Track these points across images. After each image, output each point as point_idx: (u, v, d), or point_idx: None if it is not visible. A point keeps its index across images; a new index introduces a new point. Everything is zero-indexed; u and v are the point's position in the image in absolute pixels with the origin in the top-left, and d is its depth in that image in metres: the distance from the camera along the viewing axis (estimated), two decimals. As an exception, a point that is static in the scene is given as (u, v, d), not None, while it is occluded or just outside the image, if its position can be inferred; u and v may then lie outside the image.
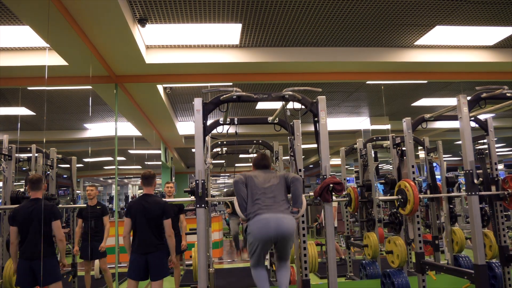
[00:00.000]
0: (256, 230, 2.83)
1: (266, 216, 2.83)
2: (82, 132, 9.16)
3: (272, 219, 2.82)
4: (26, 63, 4.82)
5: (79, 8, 3.54)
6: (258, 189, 2.98)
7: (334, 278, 2.97)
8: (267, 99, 3.22)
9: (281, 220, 2.84)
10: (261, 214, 2.85)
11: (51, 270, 3.49)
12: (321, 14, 4.40)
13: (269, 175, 3.14)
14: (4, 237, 4.15)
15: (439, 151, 5.17)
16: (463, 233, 4.93)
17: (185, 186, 16.74)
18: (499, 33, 5.08)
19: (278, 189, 3.01)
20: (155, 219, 3.63)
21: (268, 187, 2.99)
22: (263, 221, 2.82)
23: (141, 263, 3.55)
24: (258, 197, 2.94)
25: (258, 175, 3.12)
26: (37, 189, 3.57)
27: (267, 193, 2.96)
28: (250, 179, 3.06)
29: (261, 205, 2.89)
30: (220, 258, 8.82)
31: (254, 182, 3.02)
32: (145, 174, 3.79)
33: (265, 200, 2.92)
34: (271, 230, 2.80)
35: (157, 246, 3.61)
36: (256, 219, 2.84)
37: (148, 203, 3.66)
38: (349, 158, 8.87)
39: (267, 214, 2.84)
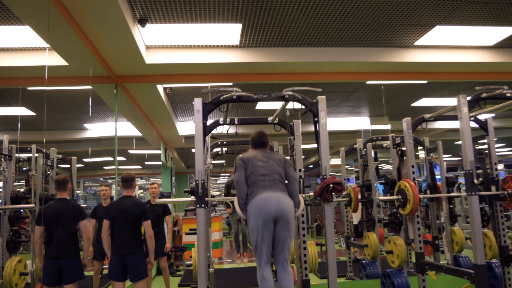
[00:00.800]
0: (256, 209, 2.83)
1: (266, 195, 2.86)
2: (82, 132, 9.14)
3: (271, 197, 2.85)
4: (26, 63, 4.82)
5: (79, 8, 3.54)
6: (258, 172, 2.98)
7: (334, 278, 2.97)
8: (267, 99, 3.22)
9: (280, 199, 2.87)
10: (260, 193, 2.87)
11: (77, 269, 3.60)
12: (321, 14, 4.40)
13: (268, 157, 3.10)
14: (4, 237, 4.14)
15: (439, 151, 5.17)
16: (463, 233, 4.93)
17: (185, 186, 16.74)
18: (499, 33, 5.08)
19: (277, 173, 3.01)
20: (134, 220, 3.66)
21: (267, 171, 2.99)
22: (263, 199, 2.84)
23: (120, 264, 3.59)
24: (257, 180, 2.95)
25: (257, 157, 3.08)
26: (63, 190, 3.70)
27: (266, 175, 2.97)
28: (248, 162, 3.03)
29: (260, 186, 2.91)
30: (220, 258, 8.82)
31: (253, 164, 3.01)
32: (125, 177, 3.83)
33: (264, 181, 2.94)
34: (271, 207, 2.81)
35: (135, 247, 3.63)
36: (255, 199, 2.87)
37: (127, 205, 3.69)
38: (349, 158, 8.86)
39: (266, 193, 2.87)
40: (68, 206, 3.64)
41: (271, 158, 3.09)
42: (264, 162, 3.04)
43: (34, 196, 4.39)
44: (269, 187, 2.91)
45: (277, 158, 3.12)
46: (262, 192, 2.88)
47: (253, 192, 2.91)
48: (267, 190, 2.89)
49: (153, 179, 11.70)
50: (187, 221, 8.34)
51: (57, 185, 3.69)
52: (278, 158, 3.12)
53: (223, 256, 9.12)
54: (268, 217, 2.81)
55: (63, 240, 3.52)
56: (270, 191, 2.88)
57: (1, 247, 4.12)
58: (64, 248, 3.51)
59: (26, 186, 4.93)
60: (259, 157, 3.08)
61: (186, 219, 8.46)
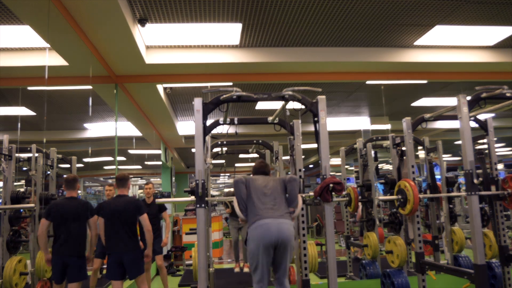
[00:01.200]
0: (257, 235, 2.86)
1: (267, 221, 2.88)
2: (82, 132, 9.15)
3: (273, 224, 2.87)
4: (26, 63, 4.83)
5: (79, 8, 3.54)
6: (258, 190, 3.04)
7: (334, 278, 2.97)
8: (267, 99, 3.23)
9: (281, 225, 2.88)
10: (262, 219, 2.89)
11: (83, 267, 3.64)
12: (321, 14, 4.40)
13: (268, 178, 3.23)
14: (4, 237, 4.14)
15: (439, 151, 5.17)
16: (463, 233, 4.93)
17: (185, 186, 16.74)
18: (499, 33, 5.08)
19: (277, 191, 3.07)
20: (129, 218, 3.69)
21: (268, 190, 3.05)
22: (264, 226, 2.87)
23: (117, 263, 3.60)
24: (258, 199, 2.98)
25: (257, 178, 3.20)
26: (72, 188, 3.76)
27: (267, 195, 3.01)
28: (250, 180, 3.13)
29: (262, 209, 2.93)
30: (220, 258, 8.82)
31: (254, 184, 3.09)
32: (119, 176, 3.89)
33: (265, 202, 2.97)
34: (272, 234, 2.83)
35: (131, 246, 3.65)
36: (257, 224, 2.89)
37: (120, 203, 3.71)
38: (349, 158, 8.88)
39: (268, 219, 2.89)
40: (78, 205, 3.70)
41: (272, 180, 3.20)
42: (265, 183, 3.12)
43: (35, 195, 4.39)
44: (270, 210, 2.94)
45: (276, 179, 3.23)
46: (263, 218, 2.90)
47: (255, 216, 2.94)
48: (268, 215, 2.91)
49: (152, 179, 11.70)
50: (187, 221, 8.34)
51: (66, 183, 3.75)
52: (277, 179, 3.24)
53: (223, 256, 9.12)
54: (269, 243, 2.84)
55: (70, 239, 3.56)
56: (271, 217, 2.90)
57: (1, 247, 4.12)
58: (71, 247, 3.55)
59: (26, 186, 4.93)
60: (260, 178, 3.20)
61: (186, 219, 8.47)
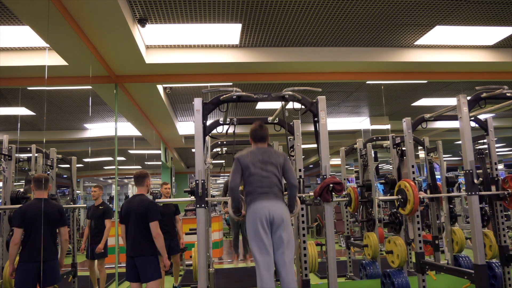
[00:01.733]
0: (252, 215, 2.87)
1: (263, 204, 2.88)
2: (82, 132, 9.15)
3: (265, 205, 2.87)
4: (26, 63, 4.82)
5: (79, 8, 3.54)
6: (255, 179, 2.96)
7: (334, 278, 2.97)
8: (267, 99, 3.22)
9: (274, 205, 2.88)
10: (257, 202, 2.89)
11: (56, 272, 3.48)
12: (321, 14, 4.40)
13: (267, 160, 3.01)
14: (4, 237, 4.14)
15: (439, 151, 5.17)
16: (463, 233, 4.93)
17: (185, 186, 16.74)
18: (499, 33, 5.08)
19: (274, 177, 3.00)
20: (141, 219, 3.55)
21: (265, 179, 2.96)
22: (258, 207, 2.86)
23: (131, 265, 3.52)
24: (255, 186, 2.95)
25: (255, 160, 3.00)
26: (43, 189, 3.56)
27: (264, 183, 2.95)
28: (246, 168, 2.99)
29: (257, 194, 2.92)
30: (220, 258, 8.82)
31: (252, 171, 2.97)
32: (136, 174, 3.76)
33: (262, 189, 2.93)
34: (265, 211, 2.84)
35: (142, 248, 3.51)
36: (252, 207, 2.89)
37: (134, 203, 3.61)
38: (349, 158, 8.87)
39: (263, 201, 2.89)
40: (49, 206, 3.51)
41: (270, 162, 3.01)
42: (263, 166, 2.99)
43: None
44: (266, 195, 2.92)
45: (276, 161, 3.03)
46: (258, 201, 2.89)
47: (251, 200, 2.93)
48: (263, 199, 2.90)
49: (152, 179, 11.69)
50: (187, 221, 8.33)
51: (36, 183, 3.54)
52: (277, 161, 3.03)
53: (223, 256, 9.12)
54: (264, 219, 2.82)
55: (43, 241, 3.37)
56: (266, 200, 2.89)
57: (1, 247, 4.12)
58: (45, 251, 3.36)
59: (26, 186, 4.93)
60: (258, 159, 3.01)
61: (186, 219, 8.46)
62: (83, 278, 5.42)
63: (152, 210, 3.56)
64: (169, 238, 5.32)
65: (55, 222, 3.53)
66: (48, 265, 3.38)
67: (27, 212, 3.43)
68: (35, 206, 3.46)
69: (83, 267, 5.34)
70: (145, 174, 3.77)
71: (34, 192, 3.58)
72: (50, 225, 3.48)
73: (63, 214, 3.62)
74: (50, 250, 3.44)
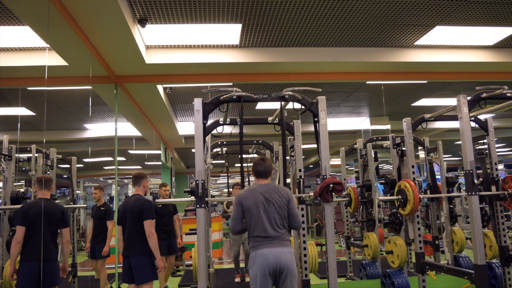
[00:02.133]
0: (256, 264, 2.76)
1: (265, 251, 2.75)
2: (82, 132, 9.15)
3: (271, 254, 2.74)
4: (26, 63, 4.82)
5: (79, 8, 3.54)
6: (259, 222, 2.81)
7: (334, 278, 2.97)
8: (267, 99, 3.22)
9: (279, 255, 2.75)
10: (261, 248, 2.77)
11: (56, 273, 3.46)
12: (321, 14, 4.40)
13: (270, 199, 2.85)
14: (4, 237, 4.14)
15: (439, 151, 5.17)
16: (463, 233, 4.93)
17: (185, 186, 16.74)
18: (499, 33, 5.08)
19: (278, 216, 2.84)
20: (137, 219, 3.55)
21: (269, 218, 2.81)
22: (262, 257, 2.75)
23: (126, 266, 3.51)
24: (259, 227, 2.80)
25: (258, 197, 2.85)
26: (47, 188, 3.57)
27: (267, 225, 2.80)
28: (249, 210, 2.84)
29: (261, 236, 2.79)
30: (220, 258, 8.82)
31: (253, 215, 2.82)
32: (134, 174, 3.79)
33: (266, 227, 2.79)
34: (270, 260, 2.72)
35: (136, 248, 3.50)
36: (256, 254, 2.78)
37: (130, 203, 3.63)
38: (349, 158, 8.86)
39: (267, 248, 2.76)
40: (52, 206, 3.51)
41: (273, 201, 2.84)
42: (266, 207, 2.83)
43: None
44: (271, 240, 2.78)
45: (280, 201, 2.86)
46: (262, 248, 2.77)
47: (255, 246, 2.81)
48: (268, 246, 2.77)
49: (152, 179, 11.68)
50: (187, 221, 8.33)
51: (39, 183, 3.53)
52: (281, 202, 2.86)
53: (223, 256, 9.12)
54: (267, 272, 2.72)
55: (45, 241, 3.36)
56: (272, 247, 2.76)
57: (1, 247, 4.12)
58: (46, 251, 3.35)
59: (26, 186, 4.93)
60: (260, 199, 2.84)
61: (186, 219, 8.46)
62: (83, 278, 5.42)
63: (147, 208, 3.56)
64: (169, 238, 5.34)
65: (57, 222, 3.52)
66: (48, 266, 3.35)
67: (30, 211, 3.40)
68: (37, 206, 3.44)
69: (83, 267, 5.33)
70: (143, 175, 3.77)
71: (37, 192, 3.57)
72: (51, 225, 3.46)
73: (66, 215, 3.61)
74: (51, 250, 3.42)
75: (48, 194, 3.59)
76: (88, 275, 5.74)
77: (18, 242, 3.34)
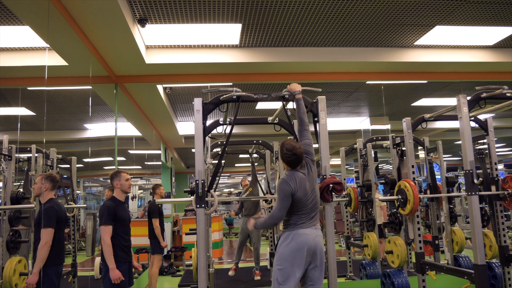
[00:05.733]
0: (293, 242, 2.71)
1: (306, 231, 2.74)
2: (82, 132, 9.14)
3: (311, 236, 2.74)
4: (26, 63, 4.82)
5: (79, 8, 3.54)
6: (302, 201, 2.78)
7: (334, 278, 2.97)
8: (267, 99, 3.22)
9: (318, 236, 2.78)
10: (301, 227, 2.75)
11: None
12: (321, 14, 4.40)
13: (309, 181, 2.83)
14: (4, 237, 4.14)
15: (439, 151, 5.17)
16: (463, 233, 4.93)
17: (185, 186, 16.74)
18: (499, 33, 5.08)
19: (316, 197, 2.86)
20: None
21: (310, 199, 2.81)
22: (303, 236, 2.72)
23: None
24: (301, 209, 2.78)
25: (301, 182, 2.78)
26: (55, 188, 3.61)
27: (308, 204, 2.80)
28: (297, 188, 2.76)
29: (302, 217, 2.77)
30: (220, 258, 8.82)
31: (299, 197, 2.76)
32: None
33: (307, 211, 2.79)
34: (310, 242, 2.72)
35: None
36: (295, 232, 2.73)
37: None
38: (349, 158, 8.88)
39: (307, 229, 2.75)
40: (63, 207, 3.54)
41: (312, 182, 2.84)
42: (308, 186, 2.81)
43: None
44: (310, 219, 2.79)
45: (313, 179, 2.87)
46: (303, 226, 2.75)
47: (295, 223, 2.77)
48: (307, 224, 2.77)
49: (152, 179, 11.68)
50: (187, 221, 8.34)
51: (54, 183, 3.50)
52: (314, 178, 2.88)
53: (223, 257, 9.12)
54: (303, 254, 2.70)
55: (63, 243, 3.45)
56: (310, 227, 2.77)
57: (1, 247, 4.11)
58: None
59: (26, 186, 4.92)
60: (303, 182, 2.79)
61: (186, 219, 8.46)
62: (83, 278, 5.42)
63: (100, 214, 3.43)
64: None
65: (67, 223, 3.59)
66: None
67: (59, 212, 3.41)
68: (62, 207, 3.49)
69: (83, 267, 5.33)
70: (112, 175, 3.57)
71: (48, 191, 3.48)
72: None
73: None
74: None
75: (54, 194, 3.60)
76: (88, 275, 5.75)
77: (49, 245, 3.24)
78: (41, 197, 3.45)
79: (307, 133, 3.03)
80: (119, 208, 3.46)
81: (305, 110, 3.09)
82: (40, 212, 3.33)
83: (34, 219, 3.40)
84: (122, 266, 3.34)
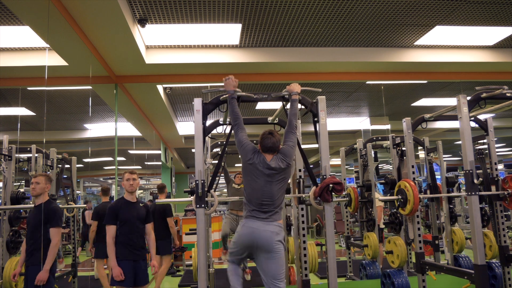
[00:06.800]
0: (240, 235, 2.80)
1: (252, 225, 2.74)
2: (82, 132, 9.14)
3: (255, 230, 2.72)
4: (26, 63, 4.83)
5: (79, 8, 3.54)
6: (257, 187, 2.77)
7: (334, 278, 2.97)
8: (267, 99, 3.22)
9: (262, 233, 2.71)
10: (250, 220, 2.77)
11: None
12: (321, 14, 4.40)
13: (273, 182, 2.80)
14: (4, 237, 4.14)
15: (439, 151, 5.17)
16: (463, 233, 4.92)
17: (185, 186, 16.74)
18: (499, 33, 5.08)
19: (277, 191, 2.80)
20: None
21: (268, 189, 2.77)
22: (249, 229, 2.75)
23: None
24: (255, 196, 2.78)
25: (261, 168, 2.77)
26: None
27: (265, 194, 2.76)
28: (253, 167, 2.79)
29: (253, 208, 2.78)
30: (220, 258, 8.81)
31: (256, 181, 2.78)
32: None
33: (261, 201, 2.76)
34: (250, 238, 2.73)
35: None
36: (245, 223, 2.79)
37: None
38: (349, 158, 8.86)
39: (255, 222, 2.74)
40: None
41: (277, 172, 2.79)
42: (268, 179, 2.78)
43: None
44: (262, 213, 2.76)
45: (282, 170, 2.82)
46: (252, 219, 2.76)
47: (246, 214, 2.81)
48: (256, 217, 2.75)
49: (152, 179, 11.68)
50: (187, 221, 8.33)
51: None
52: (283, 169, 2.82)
53: (223, 257, 9.11)
54: (245, 246, 2.79)
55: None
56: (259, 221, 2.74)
57: (1, 247, 4.11)
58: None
59: (26, 186, 4.92)
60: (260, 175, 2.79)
61: (186, 219, 8.46)
62: (83, 278, 5.42)
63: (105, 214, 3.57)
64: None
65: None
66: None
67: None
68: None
69: (83, 267, 5.33)
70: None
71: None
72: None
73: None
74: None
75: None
76: (88, 275, 5.75)
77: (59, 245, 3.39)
78: (41, 196, 3.45)
79: (292, 136, 2.98)
80: (123, 209, 3.51)
81: (297, 112, 3.06)
82: (46, 211, 3.32)
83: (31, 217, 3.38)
84: (124, 263, 3.42)
